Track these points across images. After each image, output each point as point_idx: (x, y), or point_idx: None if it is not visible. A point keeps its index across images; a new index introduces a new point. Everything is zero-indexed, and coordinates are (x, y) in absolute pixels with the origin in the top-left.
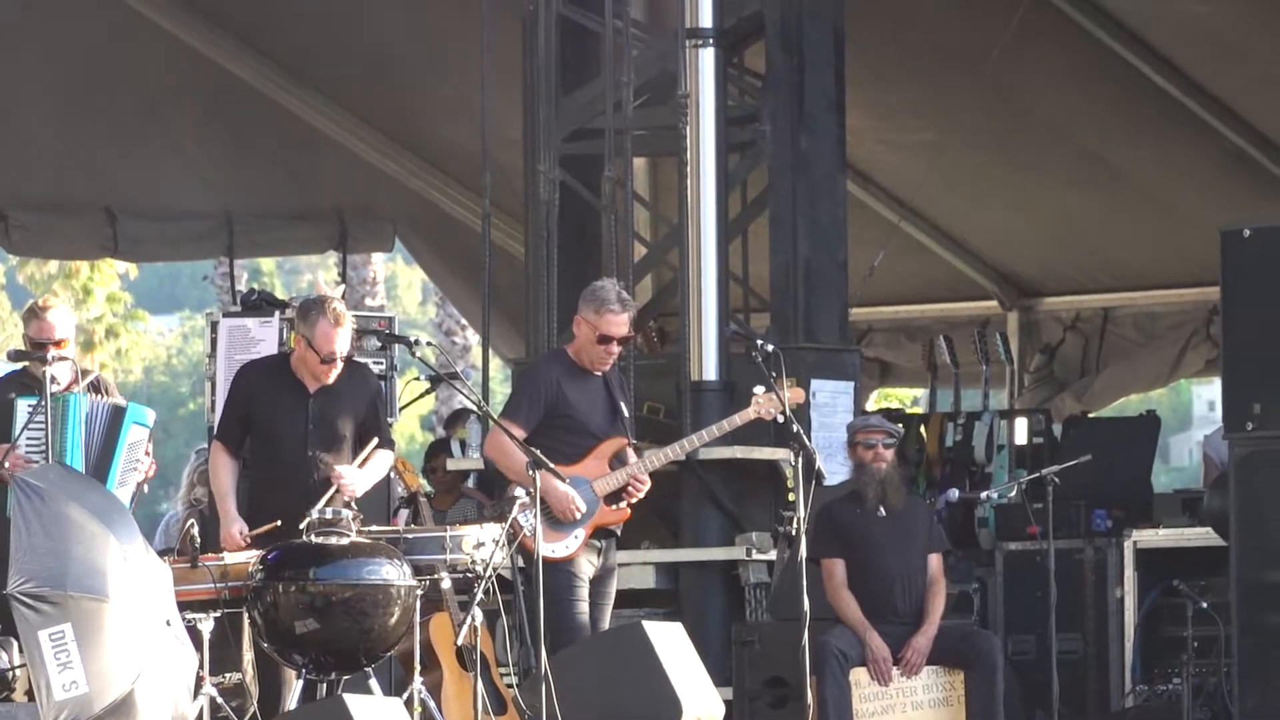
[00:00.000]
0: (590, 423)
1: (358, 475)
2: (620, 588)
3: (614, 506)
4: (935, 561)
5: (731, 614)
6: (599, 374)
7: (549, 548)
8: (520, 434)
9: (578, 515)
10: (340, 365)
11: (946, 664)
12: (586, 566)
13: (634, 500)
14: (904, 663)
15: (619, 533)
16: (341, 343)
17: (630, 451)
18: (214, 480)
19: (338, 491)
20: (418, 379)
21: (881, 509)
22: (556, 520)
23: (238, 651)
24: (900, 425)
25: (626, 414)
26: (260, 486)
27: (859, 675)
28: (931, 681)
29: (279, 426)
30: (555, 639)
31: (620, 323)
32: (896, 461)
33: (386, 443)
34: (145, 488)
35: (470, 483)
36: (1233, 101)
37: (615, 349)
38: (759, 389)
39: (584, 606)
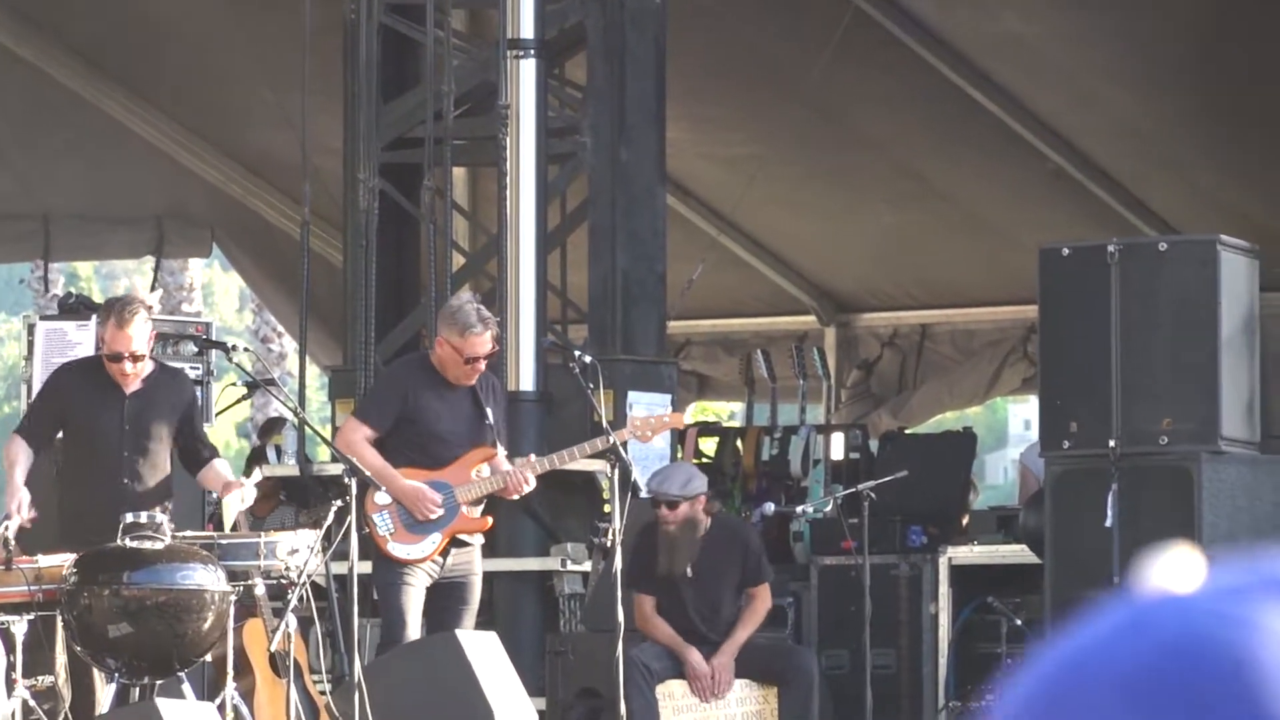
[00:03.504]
0: (449, 430)
1: (241, 491)
2: None
3: (476, 515)
4: (756, 591)
5: (546, 624)
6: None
7: (404, 549)
8: (370, 435)
9: (433, 513)
10: (133, 366)
11: (760, 679)
12: (424, 569)
13: (513, 497)
14: (710, 687)
15: (480, 541)
16: (134, 342)
17: (502, 460)
18: (6, 459)
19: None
20: (234, 385)
21: (683, 568)
22: (414, 521)
23: (51, 654)
24: (693, 480)
25: (492, 421)
26: (72, 487)
27: (672, 687)
28: (745, 695)
29: (93, 426)
30: (382, 630)
31: (484, 342)
32: (691, 518)
33: (213, 452)
34: None
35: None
36: (1053, 120)
37: (481, 366)
38: (637, 409)
39: (409, 600)
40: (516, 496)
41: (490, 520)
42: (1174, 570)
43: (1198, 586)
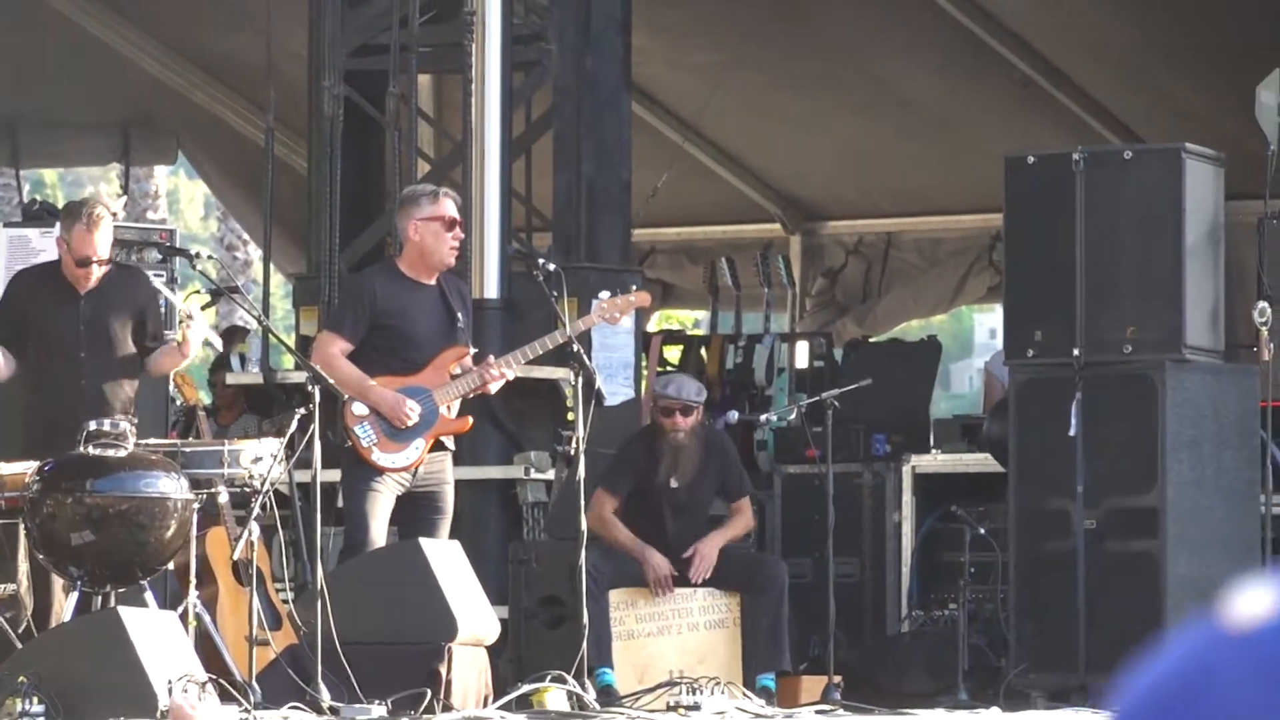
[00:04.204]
0: (421, 332)
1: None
2: None
3: (454, 416)
4: (738, 506)
5: (509, 533)
6: (432, 284)
7: (389, 458)
8: (346, 347)
9: (411, 418)
10: (98, 269)
11: (726, 587)
12: (396, 479)
13: (491, 389)
14: (693, 569)
15: (452, 447)
16: (100, 247)
17: (470, 360)
18: None
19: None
20: (198, 292)
21: (673, 480)
22: (395, 430)
23: (13, 563)
24: (702, 389)
25: (463, 323)
26: (33, 391)
27: (633, 595)
28: (709, 604)
29: (50, 329)
30: (345, 534)
31: (451, 205)
32: (697, 426)
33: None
34: None
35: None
36: (1020, 28)
37: (459, 234)
38: (604, 293)
39: (376, 505)
40: (495, 389)
41: (470, 420)
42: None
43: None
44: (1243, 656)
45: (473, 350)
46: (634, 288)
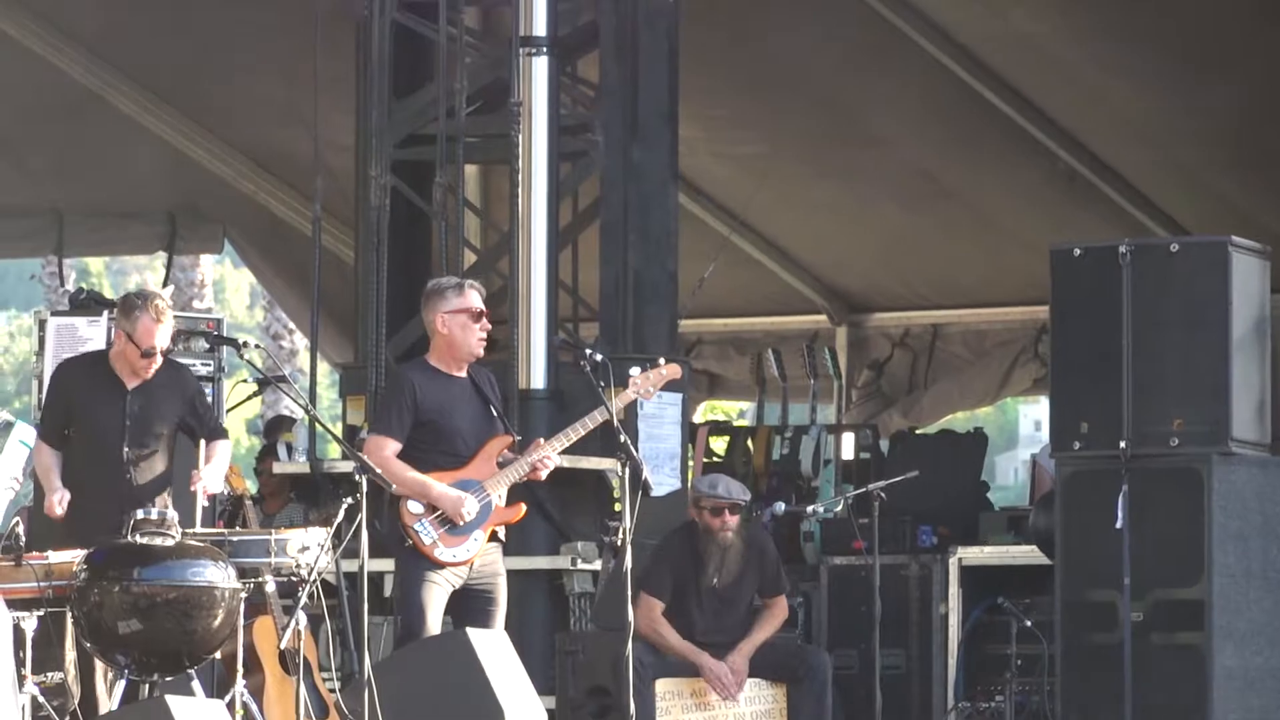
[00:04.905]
0: (462, 425)
1: (210, 473)
2: None
3: (508, 505)
4: (773, 601)
5: (555, 623)
6: (464, 376)
7: (450, 553)
8: (397, 447)
9: (469, 516)
10: (160, 360)
11: (771, 678)
12: (456, 573)
13: (541, 476)
14: (730, 687)
15: (503, 538)
16: (162, 337)
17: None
18: (38, 465)
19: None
20: (245, 381)
21: (716, 579)
22: (453, 525)
23: (60, 651)
24: (745, 487)
25: (497, 411)
26: (75, 482)
27: (680, 686)
28: (755, 694)
29: (95, 421)
30: (401, 626)
31: (475, 294)
32: (741, 528)
33: (219, 433)
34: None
35: None
36: (1064, 120)
37: (485, 325)
38: (635, 369)
39: (431, 596)
40: (544, 474)
41: (524, 507)
42: None
43: None
44: None
45: (516, 437)
46: (662, 361)
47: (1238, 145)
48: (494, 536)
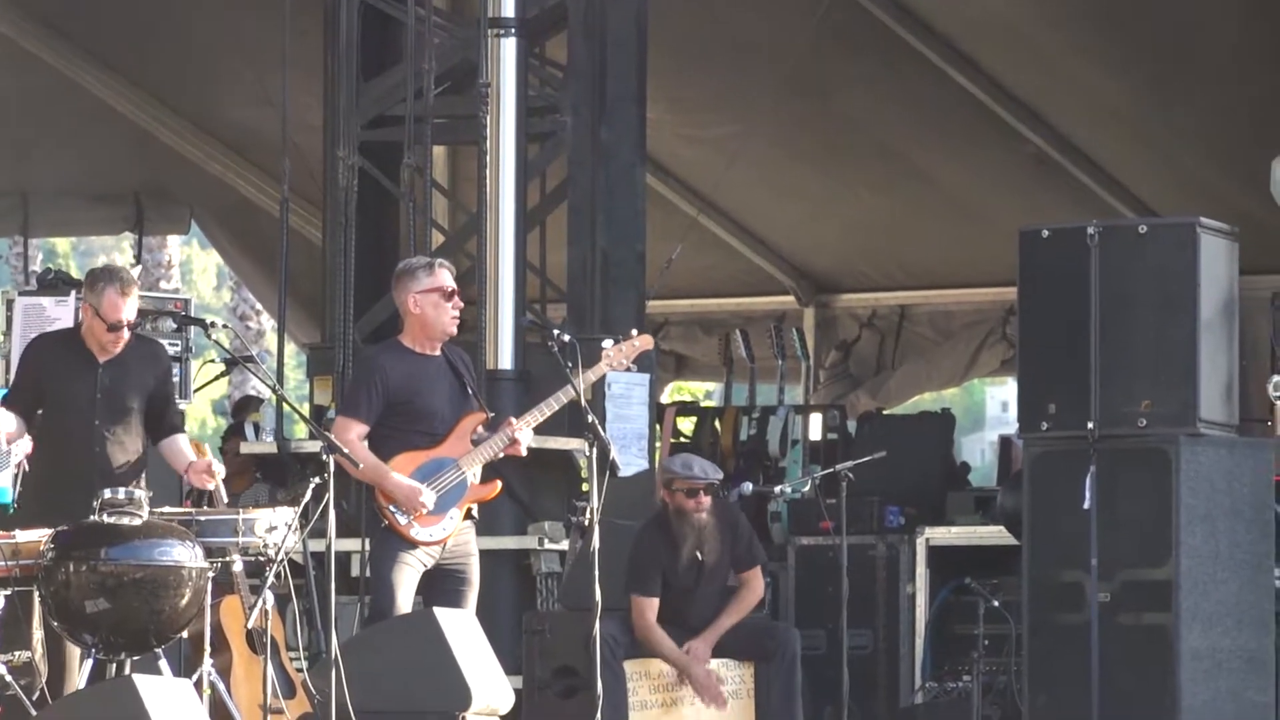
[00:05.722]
0: (436, 404)
1: (207, 465)
2: None
3: (483, 482)
4: (749, 576)
5: (523, 603)
6: (438, 354)
7: (426, 532)
8: (363, 430)
9: (425, 509)
10: (127, 334)
11: (741, 656)
12: (428, 552)
13: (521, 452)
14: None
15: (476, 516)
16: (128, 310)
17: (487, 424)
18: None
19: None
20: (212, 361)
21: (699, 555)
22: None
23: (27, 630)
24: (716, 465)
25: (472, 388)
26: (46, 457)
27: (648, 665)
28: (723, 674)
29: (67, 395)
30: (371, 604)
31: (448, 275)
32: (713, 505)
33: (178, 426)
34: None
35: None
36: (1034, 103)
37: (458, 303)
38: (608, 342)
39: (403, 576)
40: (524, 451)
41: (499, 484)
42: None
43: None
44: None
45: (490, 414)
46: (634, 332)
47: (1205, 127)
48: (468, 515)
